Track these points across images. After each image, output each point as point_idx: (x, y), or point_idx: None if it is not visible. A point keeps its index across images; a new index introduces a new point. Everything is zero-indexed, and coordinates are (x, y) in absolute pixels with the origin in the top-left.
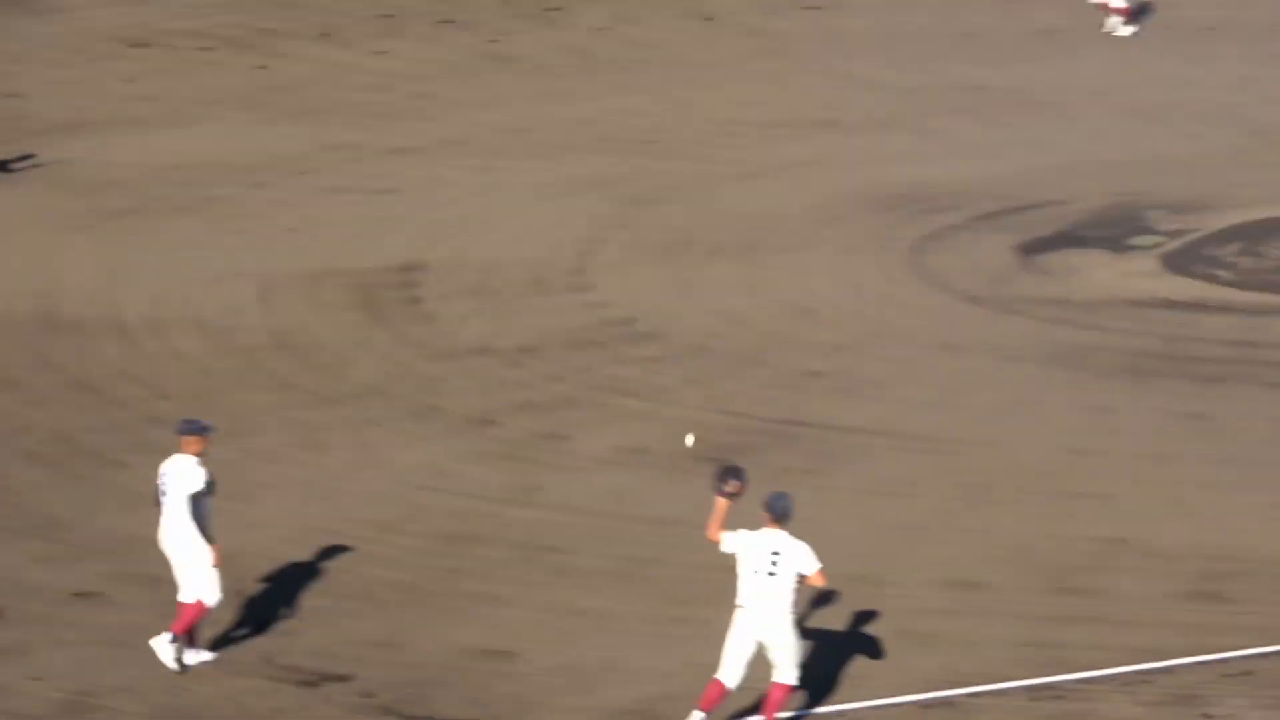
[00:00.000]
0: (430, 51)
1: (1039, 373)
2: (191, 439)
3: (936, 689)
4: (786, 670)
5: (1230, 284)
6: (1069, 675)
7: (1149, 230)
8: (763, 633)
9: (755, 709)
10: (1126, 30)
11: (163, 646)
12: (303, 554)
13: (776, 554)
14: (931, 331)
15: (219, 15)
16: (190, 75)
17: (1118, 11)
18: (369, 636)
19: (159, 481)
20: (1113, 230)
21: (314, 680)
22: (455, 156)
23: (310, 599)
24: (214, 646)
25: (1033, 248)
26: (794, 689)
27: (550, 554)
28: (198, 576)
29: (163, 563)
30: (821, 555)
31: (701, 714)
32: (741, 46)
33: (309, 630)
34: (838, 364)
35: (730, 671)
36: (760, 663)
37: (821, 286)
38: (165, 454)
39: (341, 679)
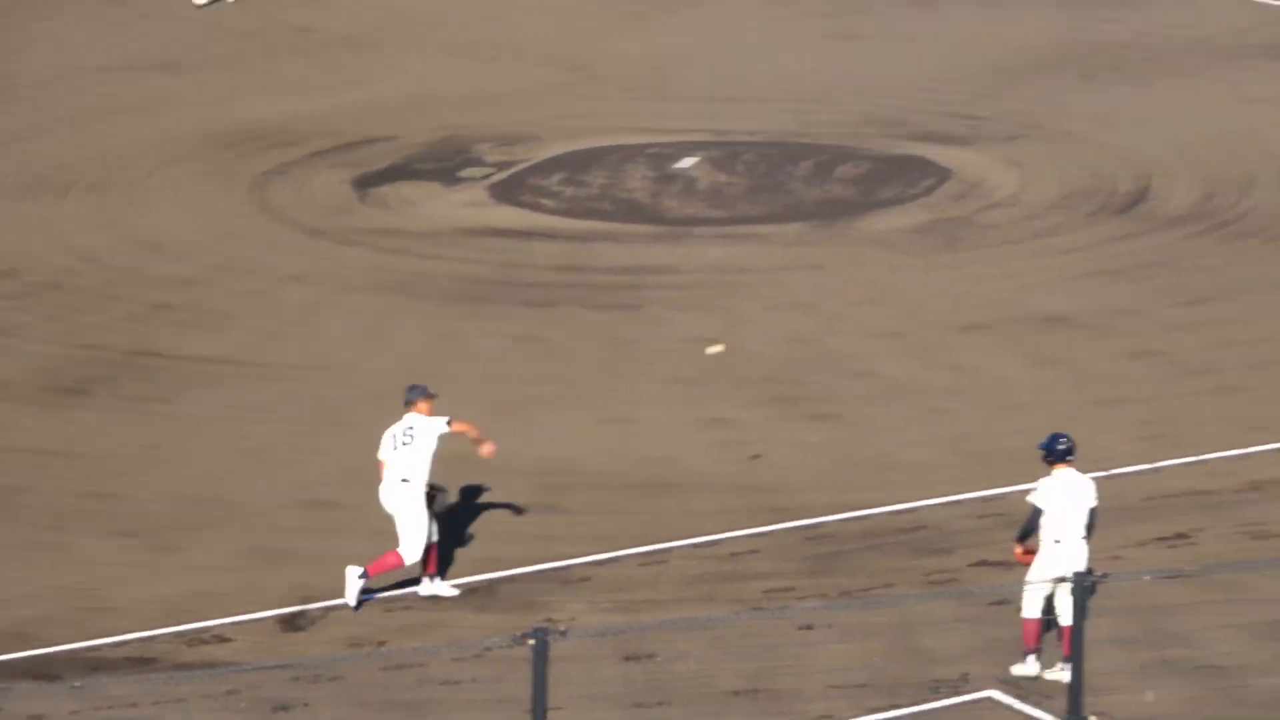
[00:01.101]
0: None
1: (382, 301)
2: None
3: (289, 604)
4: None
5: (555, 212)
6: (416, 587)
7: (477, 163)
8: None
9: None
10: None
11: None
12: None
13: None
14: (276, 264)
15: None
16: None
17: None
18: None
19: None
20: (443, 164)
21: None
22: None
23: None
24: None
25: (368, 181)
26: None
27: None
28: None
29: None
30: (174, 480)
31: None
32: None
33: None
34: (186, 297)
35: None
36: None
37: (168, 223)
38: None
39: None
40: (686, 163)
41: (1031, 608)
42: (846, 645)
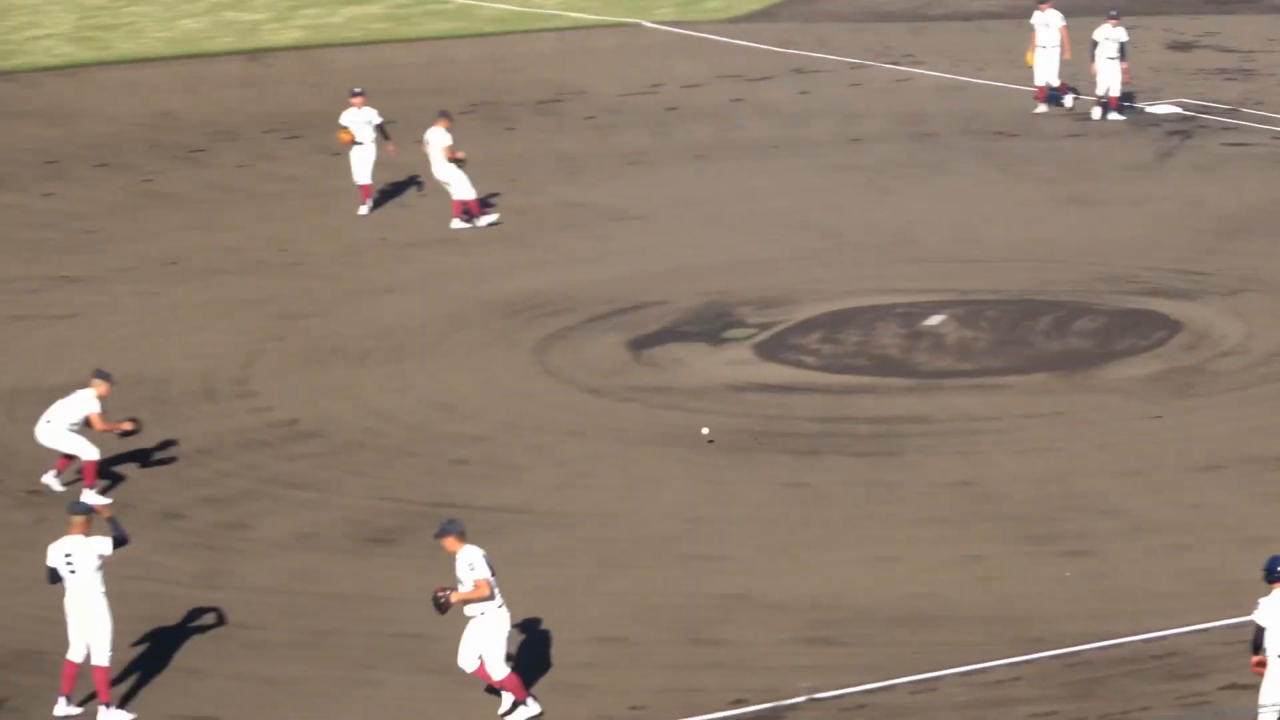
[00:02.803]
0: (91, 193)
1: (657, 452)
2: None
3: None
4: None
5: (815, 368)
6: (706, 716)
7: (741, 324)
8: None
9: None
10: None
11: (109, 716)
12: (25, 640)
13: None
14: (560, 420)
15: None
16: None
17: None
18: (89, 709)
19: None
20: (709, 325)
21: None
22: (124, 283)
23: (33, 680)
24: None
25: (641, 343)
26: None
27: (242, 630)
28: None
29: None
30: None
31: None
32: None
33: (36, 707)
34: (479, 452)
35: None
36: None
37: (459, 385)
38: None
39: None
40: (934, 320)
41: None
42: None
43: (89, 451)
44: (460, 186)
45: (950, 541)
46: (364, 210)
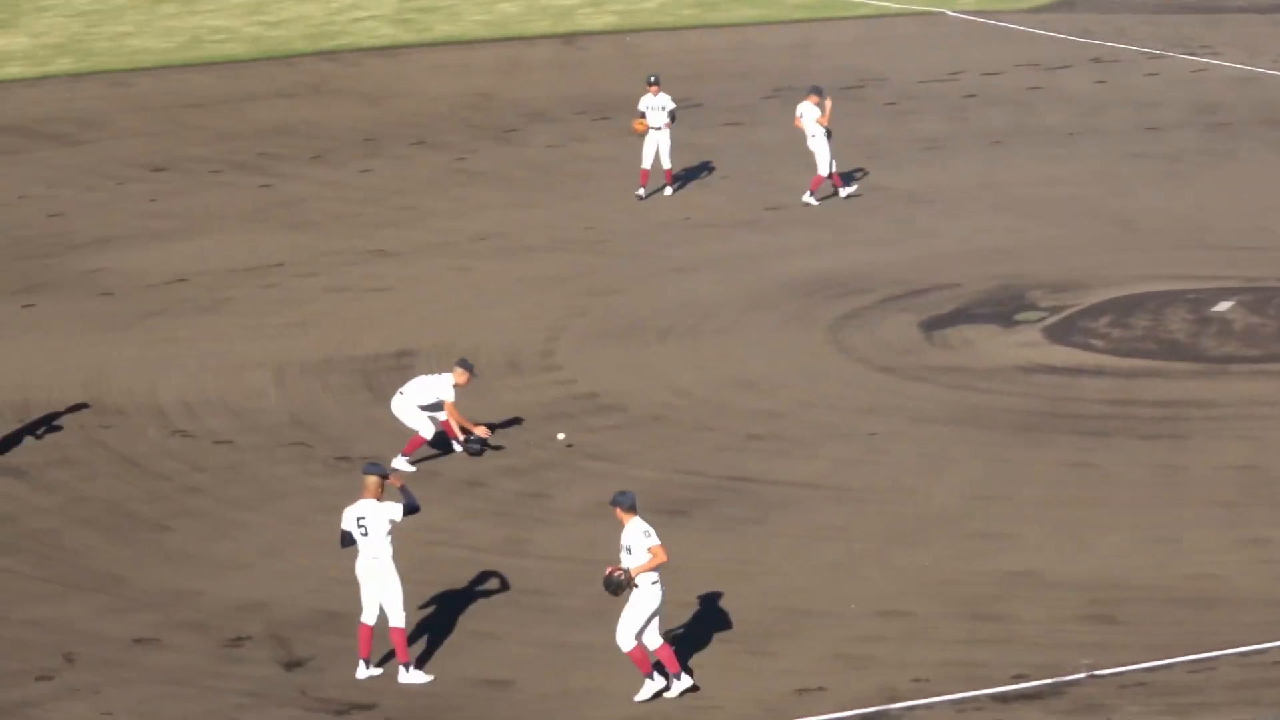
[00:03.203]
0: (407, 170)
1: (946, 431)
2: (372, 481)
3: (873, 704)
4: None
5: (1104, 351)
6: (987, 690)
7: (1031, 307)
8: None
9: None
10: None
11: (409, 676)
12: (326, 603)
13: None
14: (852, 398)
15: (225, 143)
16: (204, 194)
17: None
18: (388, 670)
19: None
20: (1000, 308)
21: (344, 709)
22: (436, 258)
23: (336, 640)
24: (255, 687)
25: (933, 324)
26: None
27: (539, 596)
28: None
29: (210, 610)
30: (766, 591)
31: None
32: (674, 157)
33: (335, 667)
34: (774, 428)
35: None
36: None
37: (755, 362)
38: (196, 517)
39: (366, 708)
40: (1223, 306)
41: None
42: None
43: (426, 428)
44: (823, 160)
45: (1233, 524)
46: (641, 193)
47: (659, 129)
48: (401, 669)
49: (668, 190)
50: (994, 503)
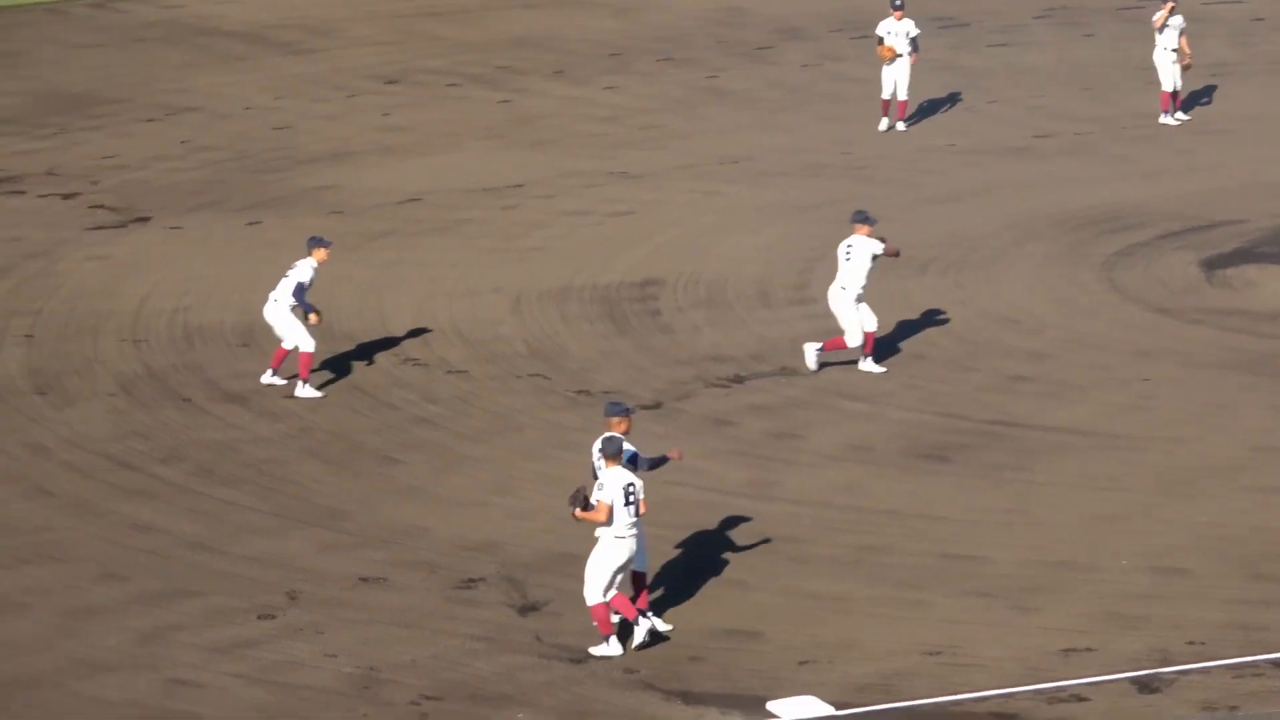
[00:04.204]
0: (654, 87)
1: (1225, 377)
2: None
3: (1144, 667)
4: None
5: None
6: (1269, 655)
7: None
8: None
9: None
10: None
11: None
12: (563, 544)
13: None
14: (1125, 340)
15: (463, 55)
16: (439, 109)
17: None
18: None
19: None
20: None
21: (581, 657)
22: (682, 181)
23: (573, 583)
24: (486, 631)
25: (1214, 263)
26: None
27: (788, 543)
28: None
29: (439, 549)
30: (1030, 544)
31: None
32: (936, 81)
33: (574, 612)
34: (1041, 369)
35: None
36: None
37: (1022, 299)
38: (426, 450)
39: (605, 656)
40: None
41: None
42: None
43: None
44: (1166, 78)
45: None
46: (883, 126)
47: (901, 56)
48: (640, 617)
49: (900, 125)
50: (1277, 454)
